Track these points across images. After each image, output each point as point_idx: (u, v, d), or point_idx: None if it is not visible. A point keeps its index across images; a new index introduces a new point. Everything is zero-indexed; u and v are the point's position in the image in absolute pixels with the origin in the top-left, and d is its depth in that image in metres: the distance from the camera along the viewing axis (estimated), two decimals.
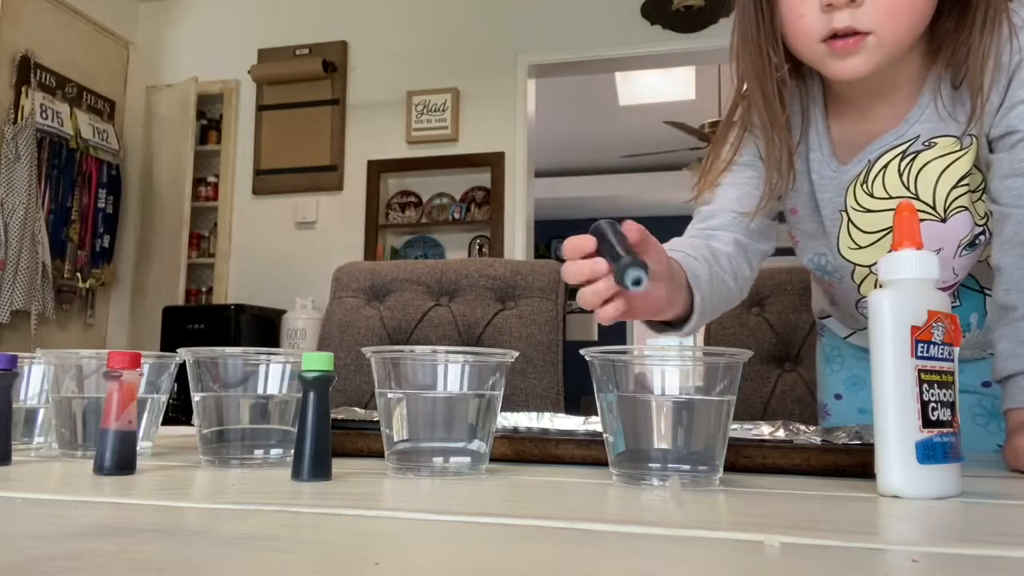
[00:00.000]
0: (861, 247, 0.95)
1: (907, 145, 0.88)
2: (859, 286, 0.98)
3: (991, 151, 0.85)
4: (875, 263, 0.92)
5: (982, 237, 0.90)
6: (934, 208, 0.88)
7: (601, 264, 0.67)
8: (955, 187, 0.87)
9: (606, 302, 0.69)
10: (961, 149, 0.86)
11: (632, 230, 0.69)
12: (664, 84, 5.59)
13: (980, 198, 0.88)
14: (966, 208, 0.88)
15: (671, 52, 3.90)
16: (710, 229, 0.96)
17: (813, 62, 0.85)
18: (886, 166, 0.89)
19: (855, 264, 0.96)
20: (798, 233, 1.03)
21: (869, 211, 0.92)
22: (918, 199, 0.88)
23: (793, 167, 0.93)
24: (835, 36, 0.80)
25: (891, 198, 0.89)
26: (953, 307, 0.79)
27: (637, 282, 0.62)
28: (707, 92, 5.56)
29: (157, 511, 0.48)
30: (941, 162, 0.87)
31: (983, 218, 0.89)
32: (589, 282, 0.68)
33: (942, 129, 0.86)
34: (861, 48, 0.80)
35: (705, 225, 0.97)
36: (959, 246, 0.90)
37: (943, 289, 0.74)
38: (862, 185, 0.91)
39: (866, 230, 0.93)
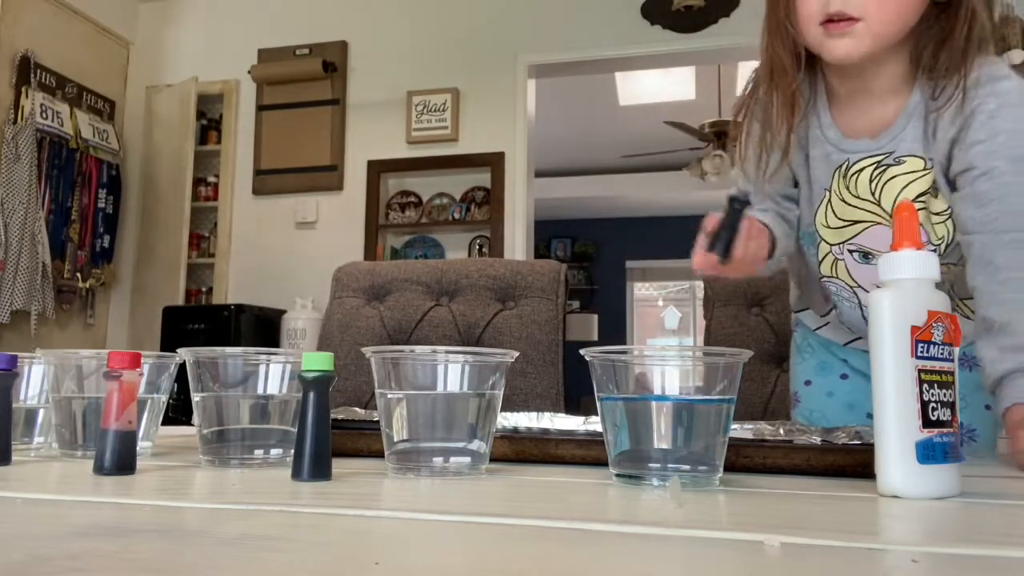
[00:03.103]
0: (830, 227, 1.05)
1: (882, 157, 0.99)
2: (820, 262, 1.09)
3: (953, 184, 0.95)
4: (836, 244, 1.05)
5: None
6: (887, 215, 1.00)
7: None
8: (914, 200, 0.97)
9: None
10: (924, 170, 0.97)
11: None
12: (664, 84, 5.59)
13: (943, 222, 0.98)
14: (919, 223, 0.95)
15: (671, 52, 3.90)
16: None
17: (813, 45, 0.95)
18: (861, 171, 1.00)
19: (822, 239, 1.07)
20: (802, 200, 1.10)
21: (844, 201, 1.03)
22: (879, 205, 1.00)
23: (790, 139, 1.03)
24: (831, 20, 0.91)
25: (860, 199, 1.01)
26: None
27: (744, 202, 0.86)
28: (707, 92, 5.56)
29: (157, 511, 0.48)
30: (905, 179, 0.98)
31: (940, 240, 1.00)
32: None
33: (913, 150, 0.97)
34: (851, 31, 0.91)
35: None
36: None
37: None
38: (843, 178, 1.02)
39: (839, 215, 1.04)
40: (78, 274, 4.10)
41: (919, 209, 0.97)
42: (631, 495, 0.55)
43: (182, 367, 0.75)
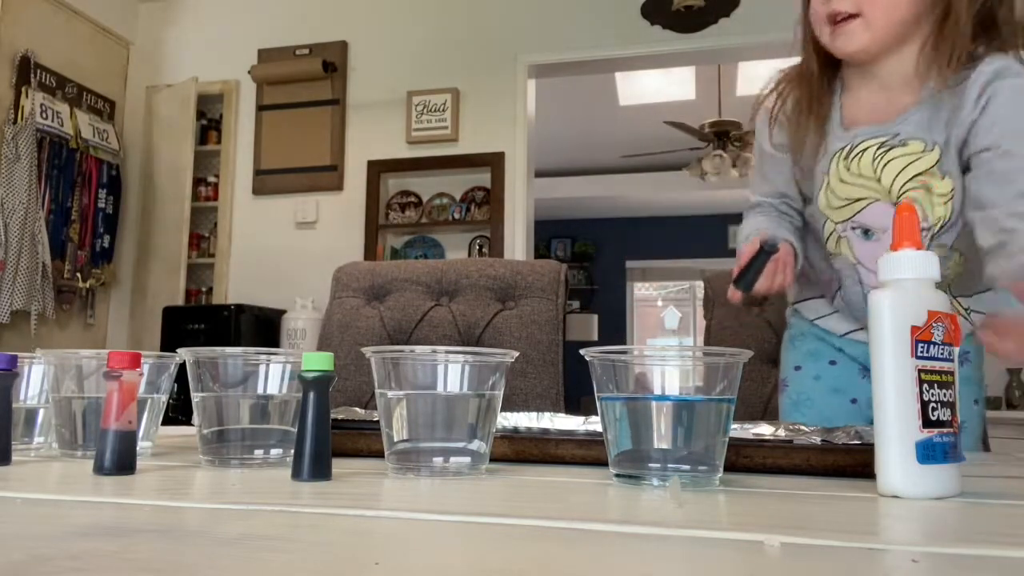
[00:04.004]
0: (832, 207, 1.12)
1: (887, 139, 1.06)
2: (826, 240, 1.14)
3: (967, 165, 1.01)
4: (839, 222, 1.11)
5: (925, 234, 1.05)
6: (889, 193, 1.06)
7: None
8: (910, 181, 1.04)
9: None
10: (924, 152, 1.03)
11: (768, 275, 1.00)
12: (664, 84, 5.59)
13: (944, 203, 1.04)
14: (916, 200, 1.05)
15: (671, 52, 3.90)
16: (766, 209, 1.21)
17: (826, 44, 1.06)
18: (865, 151, 1.07)
19: (827, 217, 1.13)
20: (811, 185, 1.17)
21: (843, 182, 1.09)
22: (879, 183, 1.06)
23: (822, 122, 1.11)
24: (835, 20, 1.02)
25: (861, 176, 1.07)
26: None
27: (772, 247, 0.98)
28: (707, 92, 5.56)
29: (157, 511, 0.48)
30: (906, 159, 1.04)
31: (937, 220, 1.05)
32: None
33: (918, 134, 1.04)
34: (851, 28, 1.01)
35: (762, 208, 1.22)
36: None
37: None
38: (844, 159, 1.09)
39: (839, 195, 1.10)
40: (78, 274, 4.10)
41: (918, 188, 1.04)
42: (631, 495, 0.55)
43: (182, 367, 0.75)
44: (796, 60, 1.16)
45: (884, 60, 1.05)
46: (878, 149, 1.05)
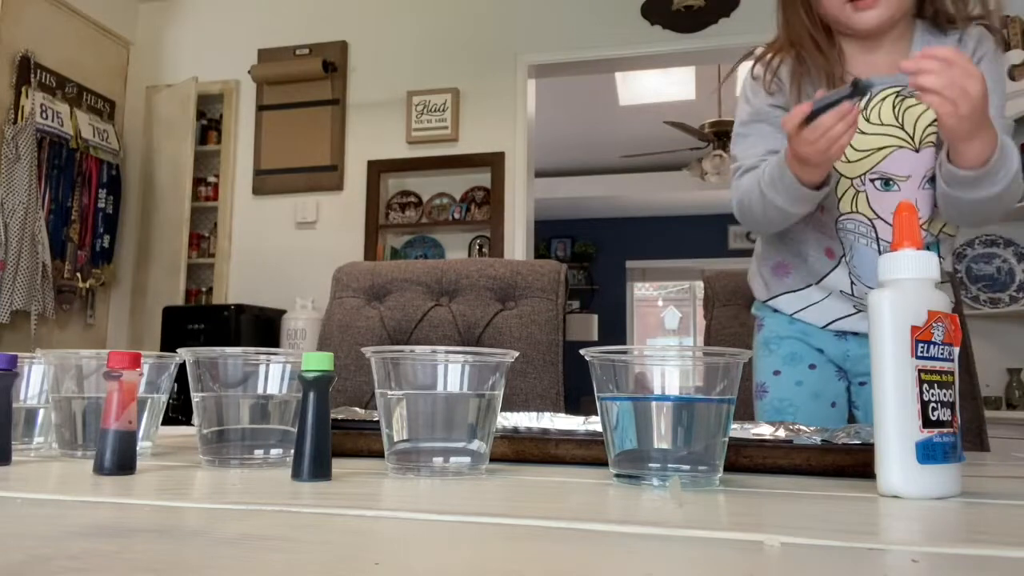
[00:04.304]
0: (850, 161, 1.13)
1: (900, 88, 1.09)
2: (840, 199, 1.15)
3: None
4: (856, 176, 1.13)
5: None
6: (912, 139, 1.09)
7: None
8: (930, 125, 1.08)
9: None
10: None
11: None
12: (664, 84, 5.59)
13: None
14: (934, 145, 1.08)
15: (671, 52, 3.90)
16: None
17: (839, 18, 1.10)
18: (884, 99, 1.10)
19: (842, 175, 1.14)
20: None
21: (863, 133, 1.11)
22: (902, 128, 1.09)
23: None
24: None
25: (883, 124, 1.10)
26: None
27: (867, 86, 0.91)
28: (707, 92, 5.56)
29: (157, 511, 0.48)
30: (921, 107, 1.07)
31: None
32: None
33: None
34: (878, 4, 1.07)
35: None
36: (924, 177, 1.11)
37: None
38: (862, 112, 1.10)
39: (857, 148, 1.12)
40: (78, 274, 4.10)
41: (932, 134, 1.08)
42: (631, 495, 0.55)
43: (182, 367, 0.75)
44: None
45: (889, 26, 1.11)
46: (896, 98, 1.09)
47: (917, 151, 1.10)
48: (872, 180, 1.12)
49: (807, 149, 0.97)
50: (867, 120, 1.11)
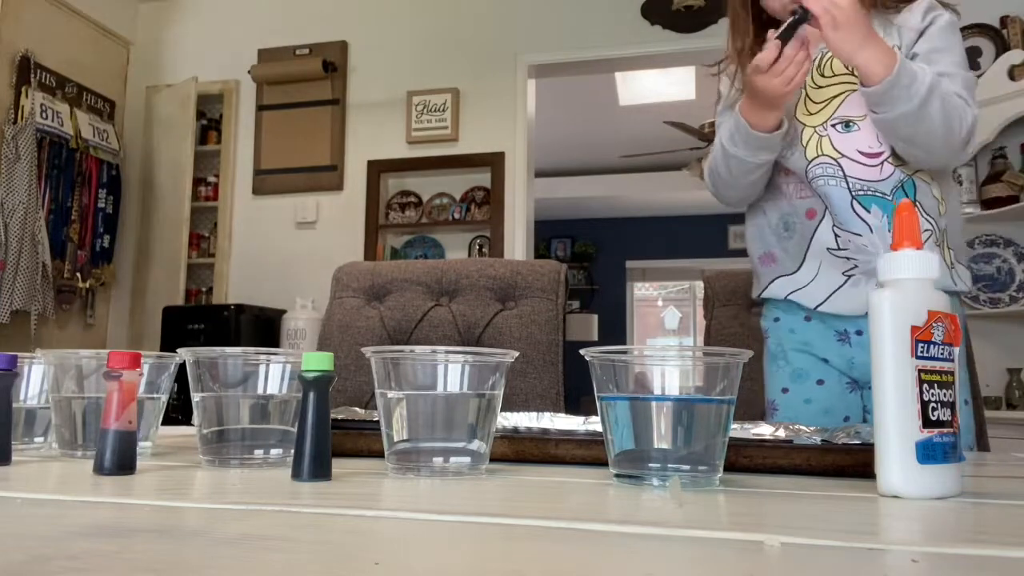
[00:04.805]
0: (810, 113, 1.22)
1: None
2: (806, 148, 1.22)
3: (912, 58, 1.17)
4: (819, 124, 1.21)
5: None
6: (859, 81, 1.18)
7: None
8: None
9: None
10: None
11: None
12: (664, 84, 5.59)
13: None
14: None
15: (671, 52, 3.90)
16: None
17: (782, 16, 1.18)
18: (831, 56, 1.20)
19: (805, 124, 1.23)
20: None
21: (818, 87, 1.22)
22: (851, 74, 1.18)
23: None
24: None
25: (836, 75, 1.21)
26: (883, 197, 1.16)
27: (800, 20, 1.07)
28: (707, 92, 5.55)
29: (157, 511, 0.48)
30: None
31: None
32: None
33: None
34: None
35: None
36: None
37: (872, 156, 1.17)
38: (817, 69, 1.23)
39: (816, 100, 1.22)
40: (78, 274, 4.10)
41: None
42: (631, 495, 0.55)
43: (182, 367, 0.75)
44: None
45: None
46: None
47: None
48: (833, 125, 1.20)
49: (775, 81, 1.10)
50: (822, 75, 1.22)
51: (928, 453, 0.55)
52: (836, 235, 1.19)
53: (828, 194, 1.19)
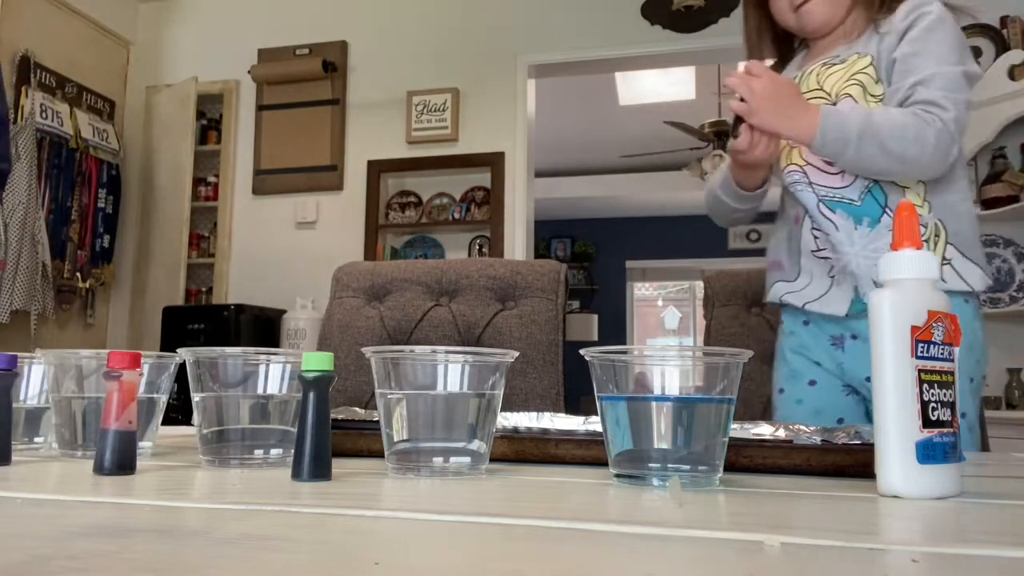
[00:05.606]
0: None
1: (828, 59, 1.27)
2: (782, 156, 1.29)
3: (893, 64, 1.21)
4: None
5: None
6: (829, 95, 1.25)
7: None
8: (847, 83, 1.23)
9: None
10: (859, 59, 1.23)
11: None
12: (664, 84, 5.59)
13: (876, 103, 1.21)
14: (851, 96, 1.23)
15: (671, 52, 3.90)
16: None
17: (792, 26, 1.31)
18: (811, 72, 1.28)
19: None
20: None
21: None
22: (822, 89, 1.25)
23: None
24: (795, 7, 1.27)
25: (809, 91, 1.27)
26: (851, 203, 1.20)
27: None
28: (707, 92, 5.56)
29: (157, 511, 0.48)
30: (843, 71, 1.24)
31: None
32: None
33: (853, 51, 1.25)
34: (811, 7, 1.26)
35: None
36: None
37: (833, 164, 1.20)
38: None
39: None
40: (78, 274, 4.10)
41: (854, 85, 1.22)
42: (631, 495, 0.55)
43: (182, 367, 0.75)
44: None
45: (839, 26, 1.28)
46: (822, 67, 1.27)
47: (835, 104, 1.24)
48: None
49: (755, 153, 1.18)
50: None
51: (928, 453, 0.55)
52: (815, 236, 1.24)
53: (801, 199, 1.24)
